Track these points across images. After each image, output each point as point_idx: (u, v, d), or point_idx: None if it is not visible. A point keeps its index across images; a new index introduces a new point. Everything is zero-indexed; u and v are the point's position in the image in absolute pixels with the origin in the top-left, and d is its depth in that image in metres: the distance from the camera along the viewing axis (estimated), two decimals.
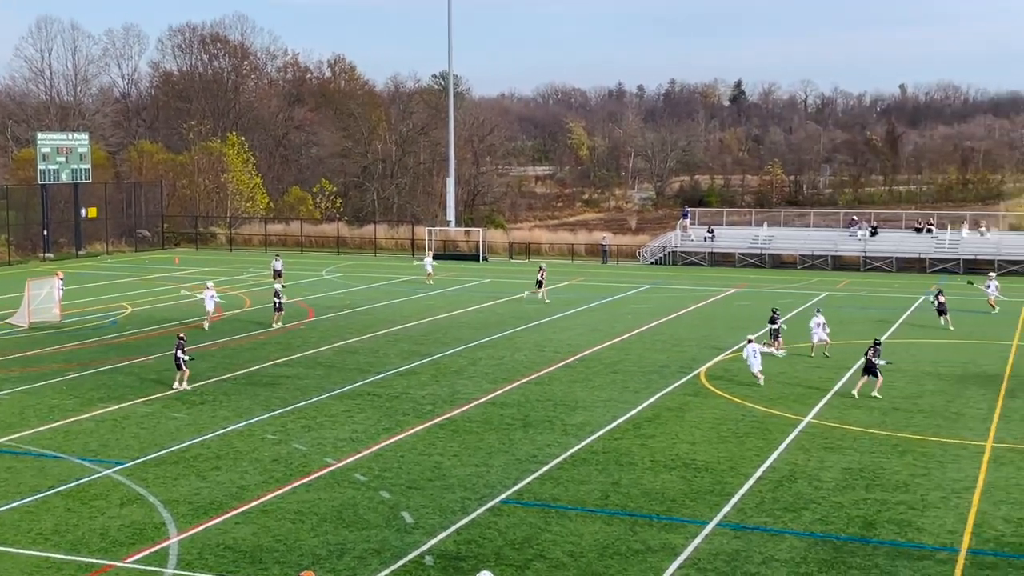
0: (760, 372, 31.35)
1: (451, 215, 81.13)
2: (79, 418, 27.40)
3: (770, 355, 32.63)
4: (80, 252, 73.13)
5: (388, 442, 25.13)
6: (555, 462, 23.54)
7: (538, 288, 49.78)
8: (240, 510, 20.35)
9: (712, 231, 72.01)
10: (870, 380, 29.81)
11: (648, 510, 20.46)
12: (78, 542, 18.73)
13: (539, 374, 33.10)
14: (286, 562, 17.83)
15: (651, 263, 71.00)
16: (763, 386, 30.97)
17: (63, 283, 45.78)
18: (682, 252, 71.33)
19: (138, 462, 23.48)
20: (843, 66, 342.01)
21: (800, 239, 71.34)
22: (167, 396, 29.82)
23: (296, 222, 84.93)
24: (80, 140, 74.14)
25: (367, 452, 24.29)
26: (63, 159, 71.57)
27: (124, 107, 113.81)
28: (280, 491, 21.46)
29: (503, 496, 21.19)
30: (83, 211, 73.63)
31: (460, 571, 17.50)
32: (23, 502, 20.82)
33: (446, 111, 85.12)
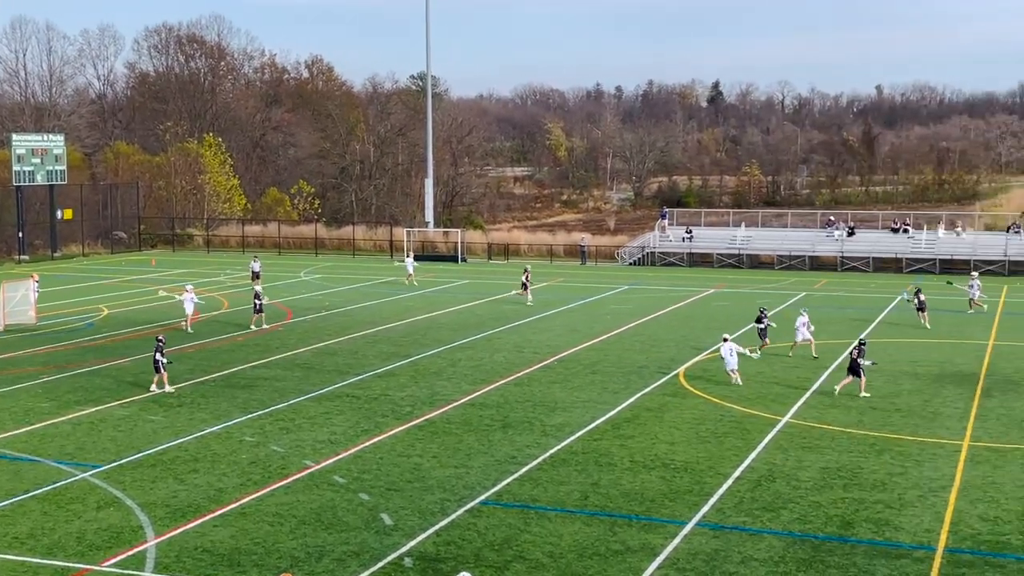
0: (734, 371, 31.52)
1: (429, 216, 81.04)
2: (55, 421, 27.21)
3: (745, 356, 32.70)
4: (56, 254, 72.65)
5: (367, 444, 25.07)
6: (534, 463, 23.53)
7: (524, 290, 49.77)
8: (218, 513, 20.24)
9: (690, 232, 72.22)
10: (854, 380, 29.95)
11: (627, 510, 20.48)
12: (54, 546, 18.60)
13: (518, 375, 33.09)
14: (264, 565, 17.75)
15: (630, 264, 71.13)
16: (742, 386, 31.06)
17: (39, 285, 45.44)
18: (660, 253, 71.50)
19: (115, 465, 23.34)
20: (820, 67, 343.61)
21: (778, 239, 71.65)
22: (144, 399, 29.65)
23: (274, 223, 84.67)
24: (55, 141, 73.69)
25: (346, 454, 24.22)
26: (38, 160, 71.10)
27: (100, 108, 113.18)
28: (258, 493, 21.37)
29: (482, 497, 21.17)
30: (59, 213, 73.16)
31: (439, 573, 17.47)
32: None
33: (424, 112, 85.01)
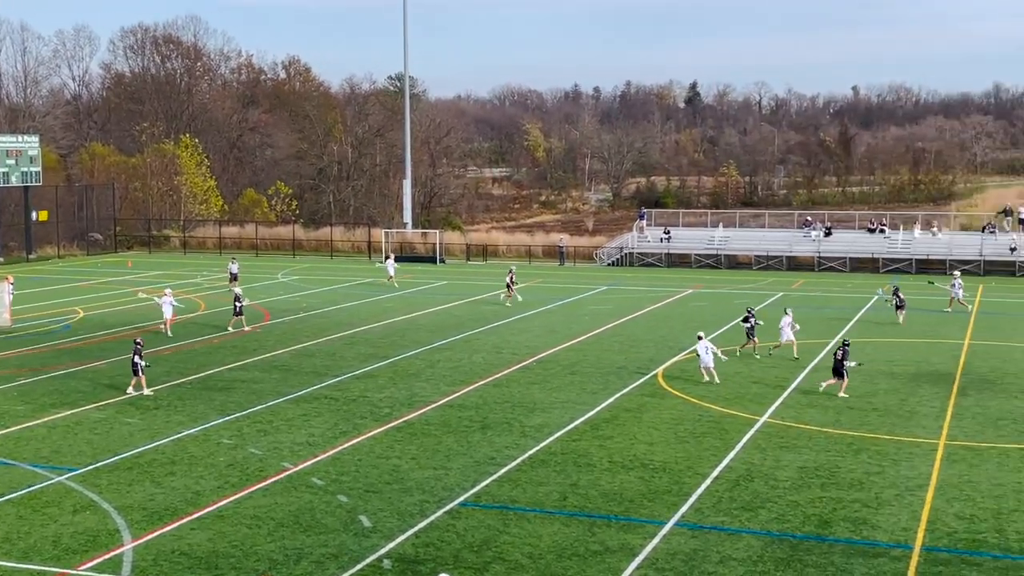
0: (706, 369, 31.71)
1: (408, 217, 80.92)
2: (31, 424, 27.00)
3: (718, 358, 32.65)
4: (31, 256, 72.12)
5: (345, 446, 25.00)
6: (513, 464, 23.52)
7: (509, 291, 49.74)
8: (195, 516, 20.14)
9: (668, 232, 72.38)
10: (837, 381, 30.09)
11: (606, 511, 20.50)
12: (30, 550, 18.45)
13: (497, 376, 33.07)
14: (242, 568, 17.67)
15: (608, 264, 71.22)
16: (719, 385, 31.16)
17: (14, 287, 45.09)
18: (639, 253, 71.63)
19: (91, 468, 23.18)
20: (797, 68, 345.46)
21: (755, 240, 71.91)
22: (121, 401, 29.47)
23: (251, 225, 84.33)
24: (30, 142, 73.13)
25: (324, 456, 24.14)
26: (13, 162, 70.54)
27: (75, 109, 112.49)
28: (236, 496, 21.28)
29: (461, 499, 21.14)
30: (34, 214, 72.63)
31: (418, 574, 17.43)
32: None
33: (402, 113, 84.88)
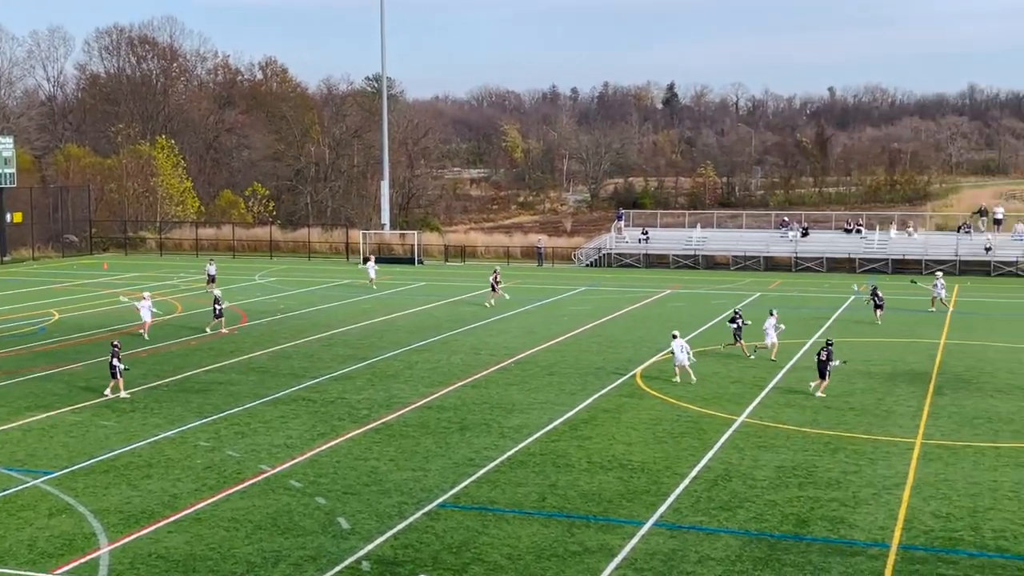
0: (681, 367, 31.87)
1: (386, 218, 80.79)
2: (6, 427, 26.78)
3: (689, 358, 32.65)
4: (5, 258, 71.59)
5: (323, 448, 24.92)
6: (492, 465, 23.50)
7: (493, 291, 49.74)
8: (172, 519, 20.03)
9: (646, 233, 72.53)
10: (822, 381, 30.23)
11: (585, 511, 20.51)
12: (5, 554, 18.30)
13: (476, 377, 33.05)
14: (220, 571, 17.58)
15: (586, 265, 71.31)
16: (698, 386, 31.24)
17: None
18: (617, 254, 71.74)
19: (67, 471, 23.02)
20: (773, 69, 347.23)
21: (733, 240, 72.17)
22: (97, 404, 29.28)
23: (228, 226, 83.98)
24: (4, 144, 72.53)
25: (302, 458, 24.06)
26: None
27: (50, 110, 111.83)
28: (213, 499, 21.17)
29: (440, 500, 21.11)
30: (8, 216, 72.10)
31: None
32: None
33: (380, 114, 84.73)
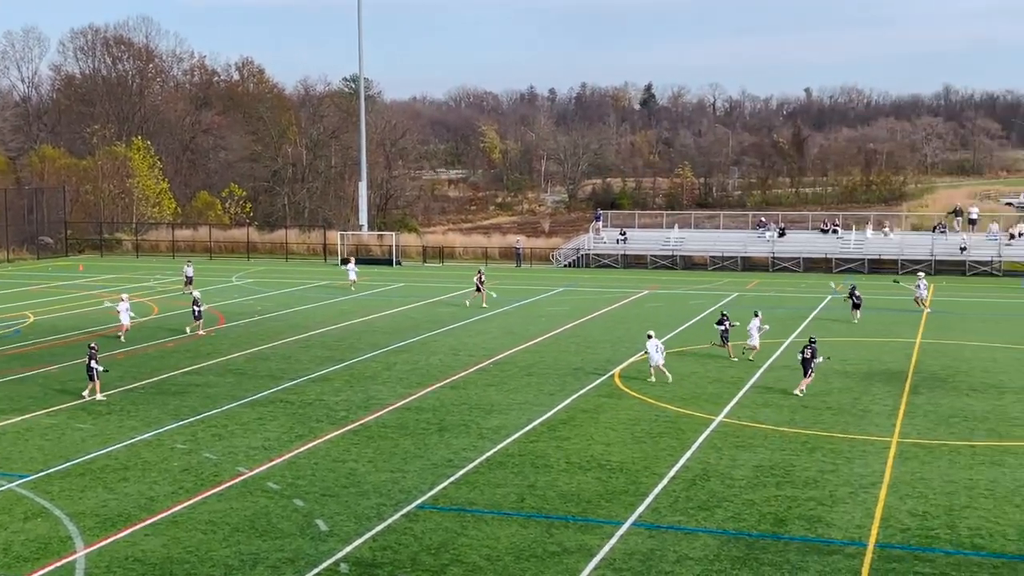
0: (656, 368, 31.98)
1: (363, 219, 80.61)
2: None
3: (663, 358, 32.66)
4: None
5: (301, 449, 24.83)
6: (471, 466, 23.48)
7: (477, 292, 49.70)
8: (149, 522, 19.91)
9: (624, 233, 72.65)
10: (805, 379, 30.36)
11: (564, 512, 20.52)
12: None
13: (454, 378, 33.02)
14: (197, 574, 17.49)
15: (564, 266, 71.37)
16: (676, 385, 31.30)
17: None
18: (595, 254, 71.84)
19: (42, 475, 22.86)
20: (750, 70, 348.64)
21: (710, 240, 72.38)
22: (72, 406, 29.08)
23: (205, 227, 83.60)
24: None
25: (280, 460, 23.97)
26: None
27: (24, 111, 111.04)
28: (191, 501, 21.06)
29: (419, 501, 21.07)
30: None
31: None
32: None
33: (357, 115, 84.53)
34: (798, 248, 69.18)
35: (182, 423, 27.27)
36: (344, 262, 61.06)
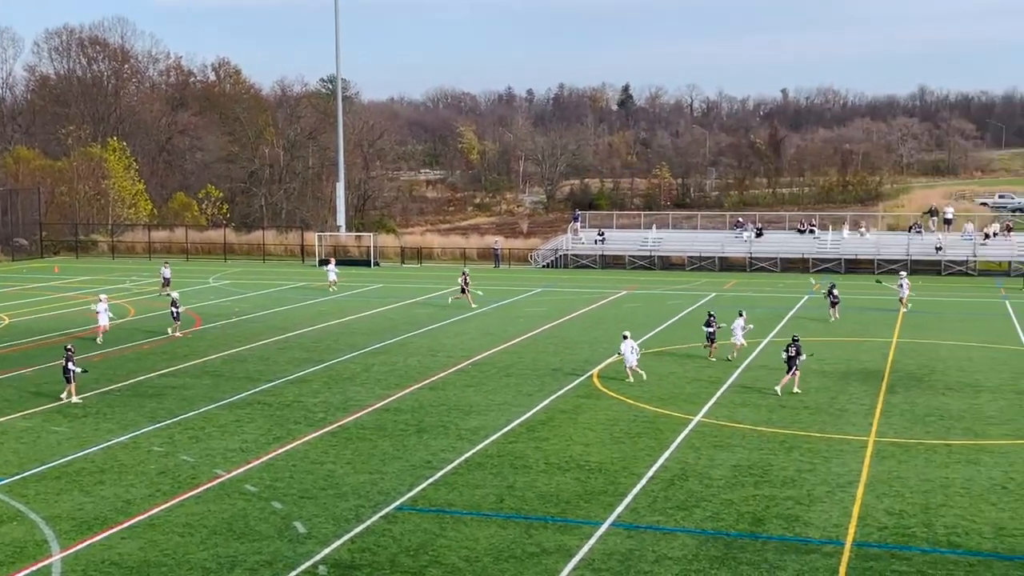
0: (631, 369, 32.06)
1: (341, 220, 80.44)
2: None
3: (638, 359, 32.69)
4: None
5: (279, 451, 24.74)
6: (450, 467, 23.45)
7: (462, 293, 49.64)
8: (126, 525, 19.79)
9: (602, 234, 72.76)
10: (792, 377, 30.45)
11: (543, 512, 20.52)
12: None
13: (433, 379, 32.97)
14: None
15: (543, 266, 71.40)
16: (654, 386, 31.36)
17: None
18: (573, 255, 71.92)
19: (17, 478, 22.68)
20: (727, 70, 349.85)
21: (688, 241, 72.57)
22: (48, 409, 28.87)
23: (181, 229, 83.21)
24: None
25: (258, 462, 23.87)
26: None
27: None
28: (168, 504, 20.95)
29: (398, 503, 21.03)
30: None
31: None
32: None
33: (335, 115, 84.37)
34: (775, 248, 69.46)
35: (159, 425, 27.13)
36: (324, 263, 60.83)
